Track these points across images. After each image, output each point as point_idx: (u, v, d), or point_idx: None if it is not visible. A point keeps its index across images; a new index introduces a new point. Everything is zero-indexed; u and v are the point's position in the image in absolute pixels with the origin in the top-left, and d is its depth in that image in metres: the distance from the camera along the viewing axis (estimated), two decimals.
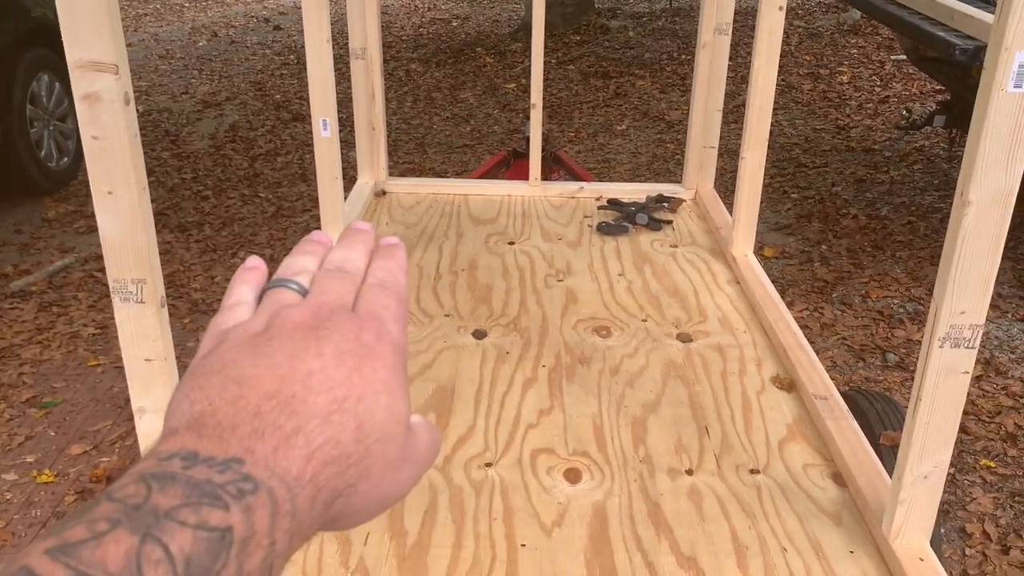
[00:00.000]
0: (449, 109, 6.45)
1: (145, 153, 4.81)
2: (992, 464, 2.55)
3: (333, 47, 2.16)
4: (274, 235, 4.24)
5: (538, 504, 1.46)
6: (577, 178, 3.49)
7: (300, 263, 0.44)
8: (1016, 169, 1.12)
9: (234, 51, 8.41)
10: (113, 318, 1.23)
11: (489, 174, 3.65)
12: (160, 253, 4.14)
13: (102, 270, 3.69)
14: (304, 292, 0.42)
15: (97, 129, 1.09)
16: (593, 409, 1.72)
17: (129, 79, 1.12)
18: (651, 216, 2.60)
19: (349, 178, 2.91)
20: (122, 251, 1.17)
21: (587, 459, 1.58)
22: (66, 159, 4.88)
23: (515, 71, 7.32)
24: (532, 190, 2.85)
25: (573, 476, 1.53)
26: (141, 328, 1.21)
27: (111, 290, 1.19)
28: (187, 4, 11.50)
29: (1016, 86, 1.08)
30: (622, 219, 2.60)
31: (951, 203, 1.20)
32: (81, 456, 2.62)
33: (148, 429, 1.27)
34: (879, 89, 6.31)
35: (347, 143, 4.43)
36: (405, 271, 0.45)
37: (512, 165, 3.74)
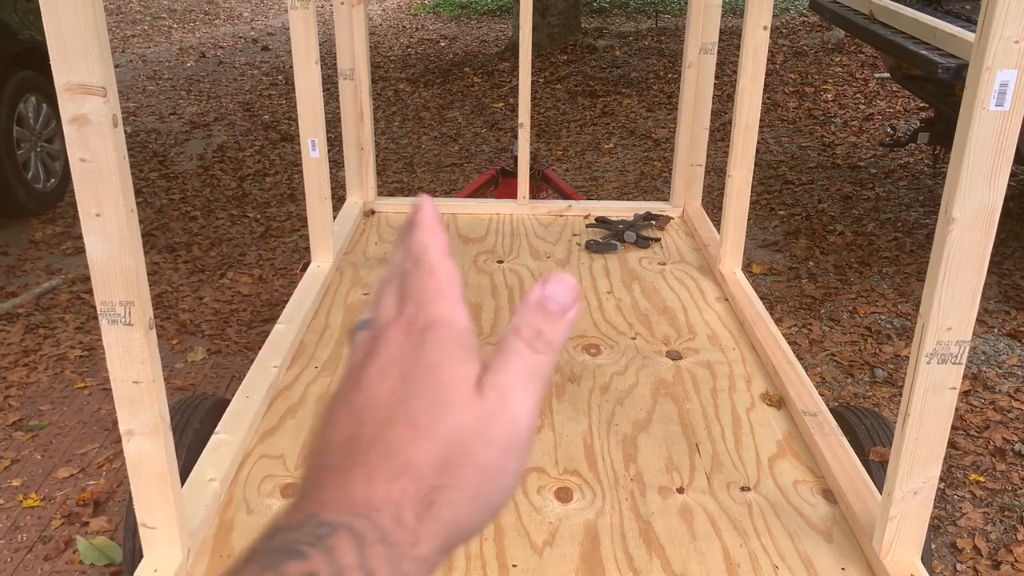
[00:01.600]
0: (437, 128, 6.47)
1: (133, 174, 4.78)
2: (981, 479, 2.56)
3: (322, 67, 2.17)
4: (263, 255, 4.23)
5: (529, 524, 1.45)
6: (565, 196, 3.50)
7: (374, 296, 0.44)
8: (999, 186, 1.14)
9: (222, 72, 8.42)
10: (100, 340, 1.22)
11: (477, 193, 3.66)
12: (148, 274, 4.10)
13: (89, 291, 3.67)
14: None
15: (85, 151, 1.09)
16: (583, 427, 1.72)
17: (117, 101, 1.12)
18: (639, 234, 2.61)
19: (338, 198, 2.91)
20: (110, 273, 1.16)
21: (578, 478, 1.57)
22: (53, 180, 4.86)
23: (503, 90, 7.35)
24: (520, 208, 2.86)
25: (564, 495, 1.53)
26: (129, 350, 1.21)
27: (99, 312, 1.19)
28: (175, 25, 11.53)
29: (998, 105, 1.09)
30: (610, 237, 2.61)
31: (936, 219, 1.21)
32: (68, 479, 2.59)
33: (136, 452, 1.26)
34: (864, 107, 6.37)
35: (336, 163, 4.44)
36: (432, 231, 0.40)
37: (500, 184, 3.75)
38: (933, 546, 2.29)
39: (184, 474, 1.54)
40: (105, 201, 1.12)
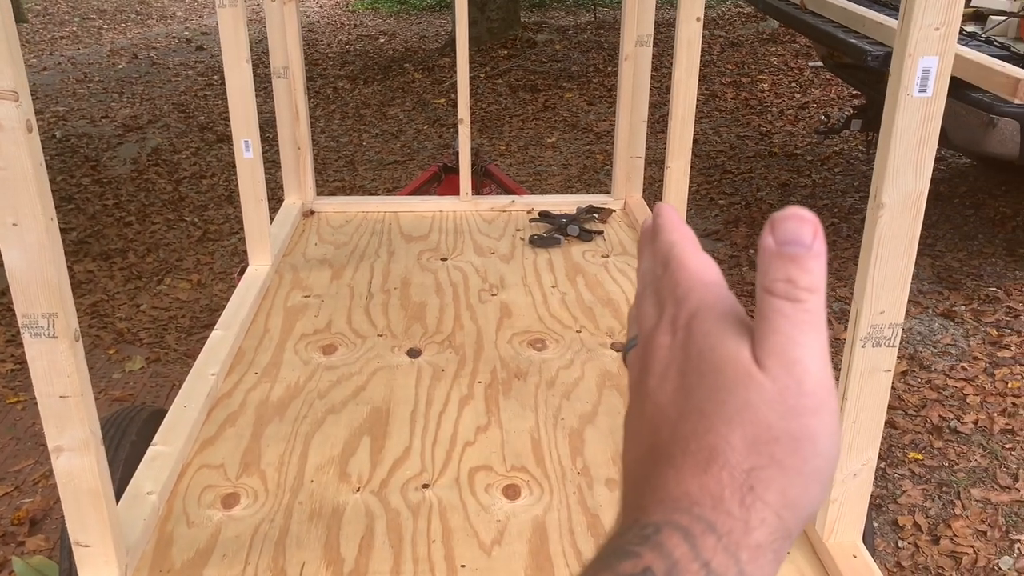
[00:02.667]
0: (378, 126, 6.41)
1: (64, 180, 4.64)
2: (920, 456, 2.63)
3: (258, 67, 2.12)
4: (201, 259, 4.14)
5: (477, 523, 1.44)
6: (508, 192, 3.49)
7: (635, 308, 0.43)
8: (925, 170, 1.16)
9: (156, 73, 8.22)
10: None
11: (420, 190, 3.63)
12: (83, 282, 3.97)
13: None
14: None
15: None
16: (530, 423, 1.71)
17: (31, 106, 1.07)
18: (582, 227, 2.61)
19: (277, 199, 2.86)
20: (30, 285, 1.12)
21: (526, 474, 1.57)
22: None
23: (444, 86, 7.32)
24: (463, 205, 2.85)
25: (512, 492, 1.52)
26: (55, 364, 1.16)
27: (20, 326, 1.14)
28: (105, 26, 11.22)
29: (921, 91, 1.11)
30: (554, 231, 2.61)
31: None
32: (2, 498, 2.51)
33: (66, 468, 1.22)
34: (799, 95, 6.49)
35: (274, 163, 4.36)
36: (678, 230, 0.40)
37: (443, 180, 3.73)
38: (876, 524, 2.35)
39: (122, 488, 1.49)
40: (22, 210, 1.08)
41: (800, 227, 0.34)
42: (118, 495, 1.43)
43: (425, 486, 1.53)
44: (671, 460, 0.35)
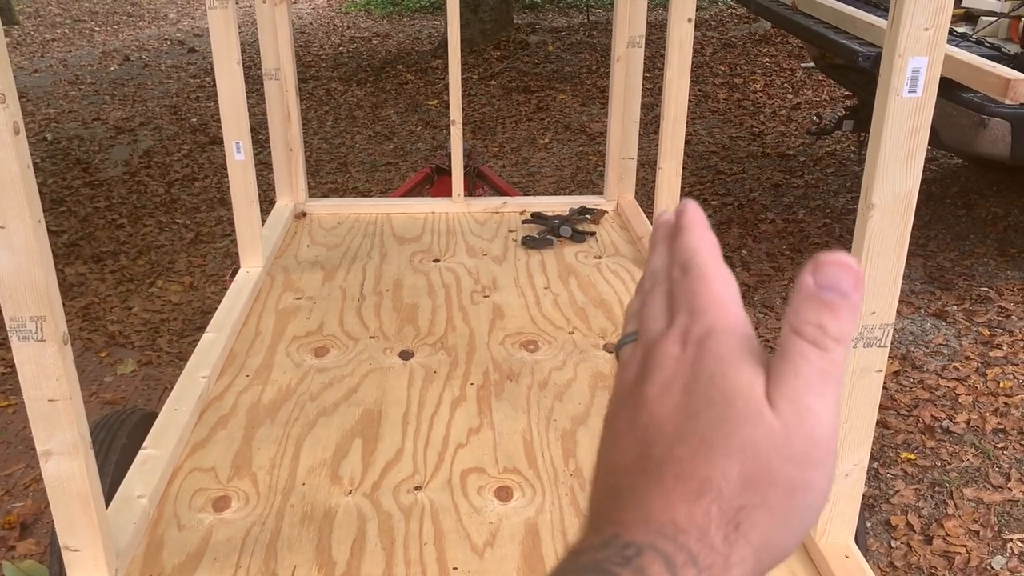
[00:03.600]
0: (371, 127, 6.40)
1: (56, 182, 4.61)
2: (912, 456, 2.63)
3: (251, 69, 2.12)
4: (193, 262, 4.13)
5: (469, 525, 1.44)
6: (501, 193, 3.49)
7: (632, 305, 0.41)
8: (915, 170, 1.16)
9: (148, 75, 8.19)
10: None
11: (412, 192, 3.63)
12: (74, 285, 3.95)
13: None
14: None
15: None
16: (523, 425, 1.71)
17: (18, 108, 1.07)
18: (574, 228, 2.61)
19: (270, 201, 2.85)
20: (18, 288, 1.11)
21: (518, 476, 1.57)
22: None
23: (437, 88, 7.31)
24: (456, 206, 2.84)
25: (504, 494, 1.52)
26: (43, 367, 1.15)
27: (8, 329, 1.13)
28: (97, 28, 11.19)
29: (911, 91, 1.11)
30: (546, 232, 2.61)
31: None
32: None
33: (54, 472, 1.21)
34: (791, 96, 6.51)
35: (266, 165, 4.35)
36: (701, 234, 0.38)
37: (436, 182, 3.72)
38: (868, 525, 2.35)
39: (112, 492, 1.49)
40: (9, 213, 1.07)
41: (842, 274, 0.33)
42: (108, 499, 1.43)
43: (417, 488, 1.53)
44: (661, 481, 0.34)
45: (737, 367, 0.34)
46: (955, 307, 3.45)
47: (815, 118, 5.22)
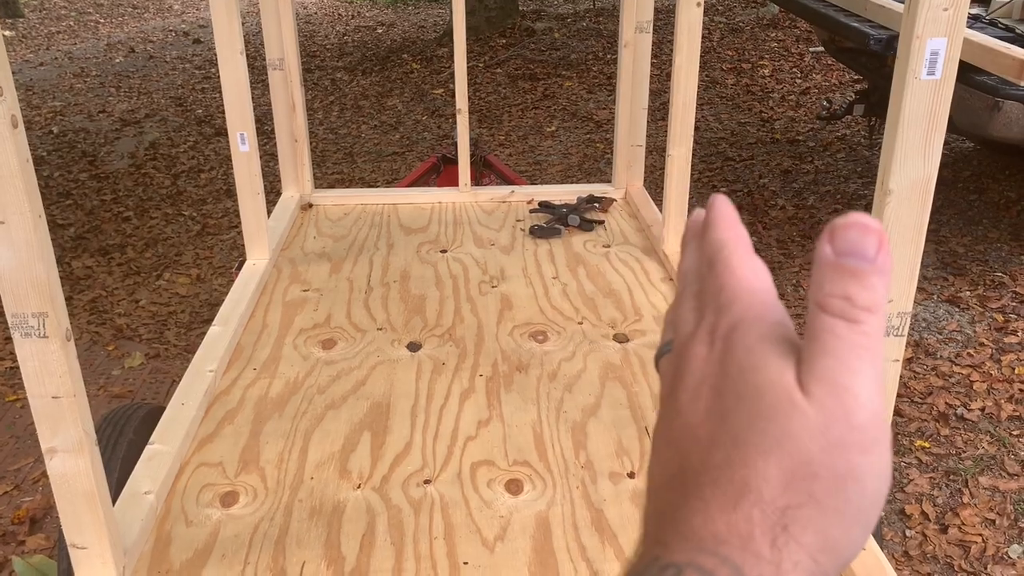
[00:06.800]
0: (377, 117, 6.37)
1: (62, 175, 4.62)
2: (927, 444, 2.60)
3: (256, 60, 2.10)
4: (200, 254, 4.12)
5: (479, 519, 1.42)
6: (508, 182, 3.46)
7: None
8: (934, 156, 1.13)
9: (153, 66, 8.18)
10: None
11: (419, 181, 3.60)
12: (81, 279, 3.96)
13: None
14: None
15: None
16: (532, 417, 1.69)
17: (16, 101, 1.05)
18: (583, 217, 2.58)
19: (276, 192, 2.83)
20: (19, 284, 1.09)
21: (528, 468, 1.55)
22: None
23: (442, 76, 7.27)
24: (462, 196, 2.82)
25: (514, 487, 1.50)
26: (46, 364, 1.14)
27: (10, 326, 1.12)
28: (102, 20, 11.17)
29: (929, 74, 1.08)
30: (554, 221, 2.59)
31: (874, 189, 1.20)
32: (2, 497, 2.49)
33: (59, 470, 1.20)
34: (800, 81, 6.45)
35: (272, 156, 4.33)
36: (730, 226, 0.35)
37: (443, 171, 3.70)
38: (883, 514, 2.33)
39: (119, 488, 1.47)
40: (9, 208, 1.05)
41: (863, 237, 0.30)
42: (115, 495, 1.42)
43: (427, 482, 1.51)
44: (699, 492, 0.31)
45: (766, 357, 0.31)
46: (968, 293, 3.41)
47: (825, 103, 5.16)
